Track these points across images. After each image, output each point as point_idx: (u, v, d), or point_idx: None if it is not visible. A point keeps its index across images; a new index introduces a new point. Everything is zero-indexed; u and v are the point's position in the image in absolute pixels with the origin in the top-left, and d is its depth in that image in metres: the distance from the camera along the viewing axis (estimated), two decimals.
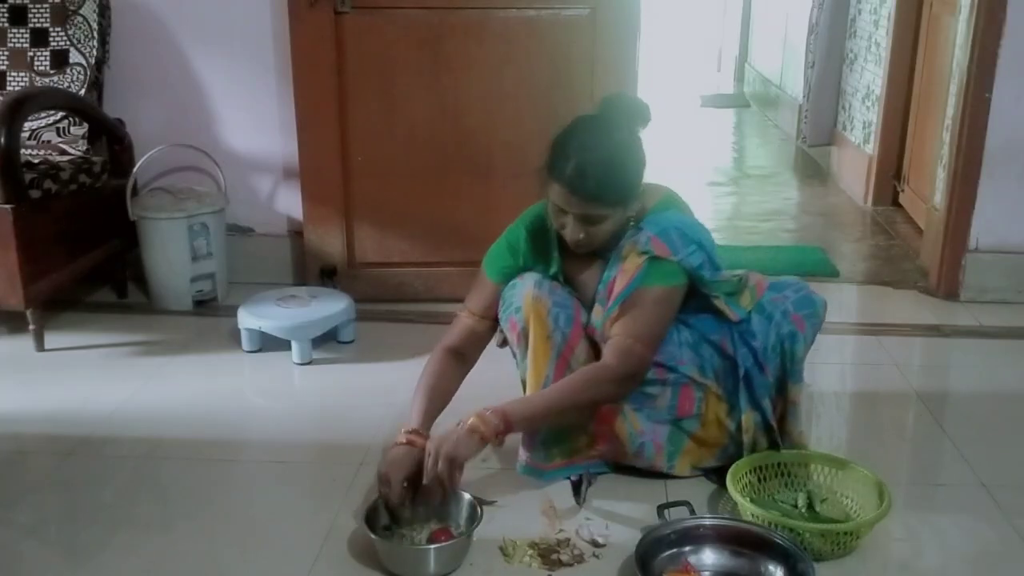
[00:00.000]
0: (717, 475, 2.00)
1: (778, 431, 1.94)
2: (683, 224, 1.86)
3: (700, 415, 1.95)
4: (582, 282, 1.94)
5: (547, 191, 1.80)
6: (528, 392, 1.92)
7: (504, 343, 2.02)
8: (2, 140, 2.44)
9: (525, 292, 1.88)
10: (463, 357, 1.98)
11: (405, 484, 1.75)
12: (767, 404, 1.91)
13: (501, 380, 2.06)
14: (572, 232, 1.80)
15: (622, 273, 1.83)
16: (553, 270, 1.94)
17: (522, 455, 1.96)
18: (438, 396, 1.92)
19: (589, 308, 1.92)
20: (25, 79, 2.93)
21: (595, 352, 1.91)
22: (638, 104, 1.83)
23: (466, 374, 1.99)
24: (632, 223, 1.85)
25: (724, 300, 1.89)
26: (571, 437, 1.95)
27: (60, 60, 2.93)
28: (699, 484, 2.01)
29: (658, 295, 1.82)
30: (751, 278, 1.94)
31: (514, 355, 1.99)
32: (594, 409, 1.91)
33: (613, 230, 1.82)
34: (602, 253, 1.89)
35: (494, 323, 1.98)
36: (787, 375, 1.91)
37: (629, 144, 1.78)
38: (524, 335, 1.89)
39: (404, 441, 1.81)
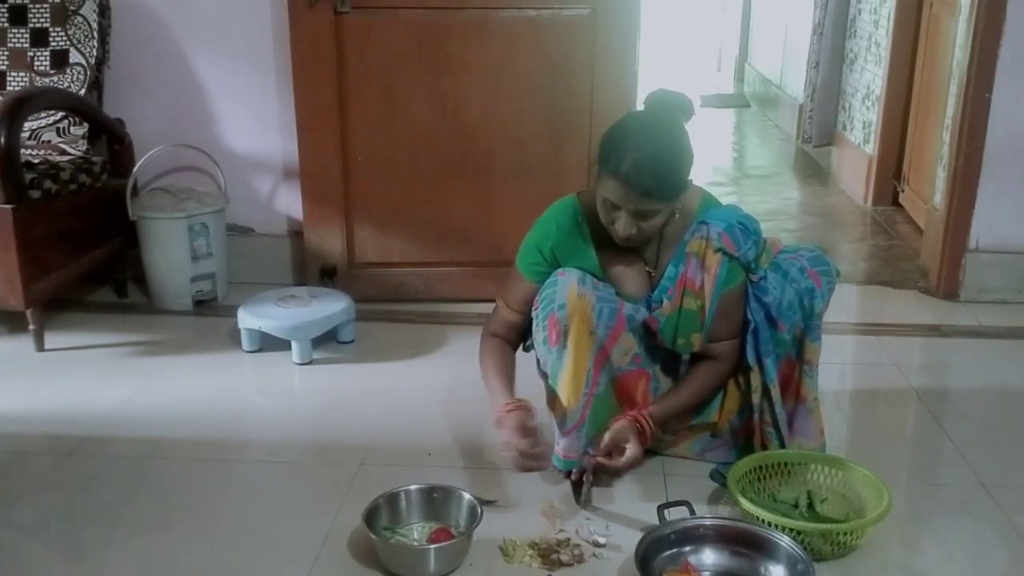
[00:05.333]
0: (721, 460, 2.04)
1: (795, 395, 1.99)
2: (744, 218, 1.91)
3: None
4: (619, 277, 1.96)
5: (599, 187, 1.82)
6: (563, 384, 1.92)
7: (529, 347, 2.04)
8: (2, 140, 2.44)
9: (569, 289, 1.89)
10: (508, 341, 2.06)
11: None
12: (770, 363, 1.94)
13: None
14: (625, 227, 1.81)
15: (706, 271, 1.86)
16: (588, 266, 1.95)
17: (559, 448, 1.97)
18: (508, 371, 2.01)
19: (628, 299, 1.96)
20: (25, 79, 2.93)
21: (643, 344, 1.97)
22: (681, 98, 1.85)
23: (516, 349, 2.08)
24: (676, 217, 1.87)
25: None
26: (606, 421, 2.00)
27: (60, 60, 2.93)
28: (699, 484, 2.01)
29: (737, 295, 1.92)
30: (768, 240, 1.99)
31: (537, 355, 1.99)
32: (628, 397, 2.02)
33: (662, 224, 1.86)
34: (640, 248, 1.93)
35: (529, 317, 2.00)
36: (805, 332, 1.94)
37: (680, 139, 1.81)
38: (564, 333, 1.89)
39: (514, 406, 1.89)
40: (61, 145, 2.88)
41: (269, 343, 2.65)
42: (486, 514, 1.78)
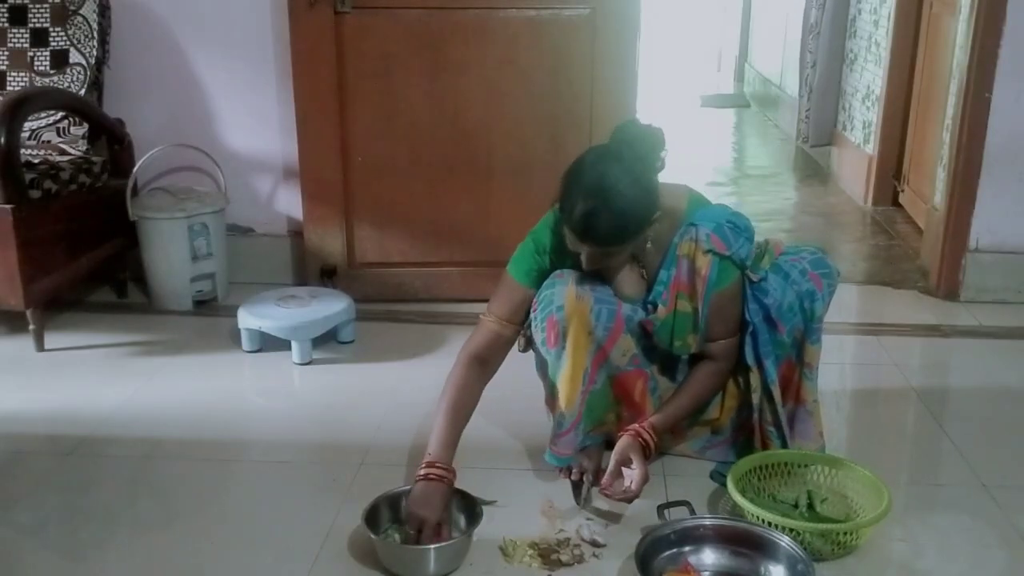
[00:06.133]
0: (722, 459, 2.05)
1: (795, 398, 1.98)
2: (733, 217, 1.90)
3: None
4: (614, 279, 1.95)
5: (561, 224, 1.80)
6: (561, 385, 1.92)
7: (527, 348, 2.03)
8: (2, 140, 2.44)
9: (567, 291, 1.88)
10: (487, 363, 1.97)
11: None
12: (770, 364, 1.93)
13: (511, 380, 2.06)
14: (588, 263, 1.82)
15: (696, 273, 1.85)
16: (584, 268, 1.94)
17: (554, 446, 1.97)
18: (460, 415, 1.90)
19: (625, 300, 1.95)
20: (25, 79, 2.93)
21: (641, 345, 1.96)
22: (650, 134, 1.79)
23: (489, 379, 1.98)
24: (651, 234, 1.84)
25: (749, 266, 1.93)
26: (604, 415, 2.00)
27: (60, 60, 2.93)
28: (699, 484, 2.01)
29: (732, 293, 1.89)
30: (770, 241, 1.98)
31: (537, 356, 1.99)
32: (626, 395, 1.99)
33: (629, 256, 1.85)
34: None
35: (519, 327, 1.98)
36: (805, 334, 1.93)
37: (636, 185, 1.74)
38: (562, 334, 1.88)
39: (425, 476, 1.80)
40: (61, 145, 2.88)
41: (269, 343, 2.65)
42: (486, 514, 1.79)
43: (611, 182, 1.72)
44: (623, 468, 1.85)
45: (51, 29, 2.93)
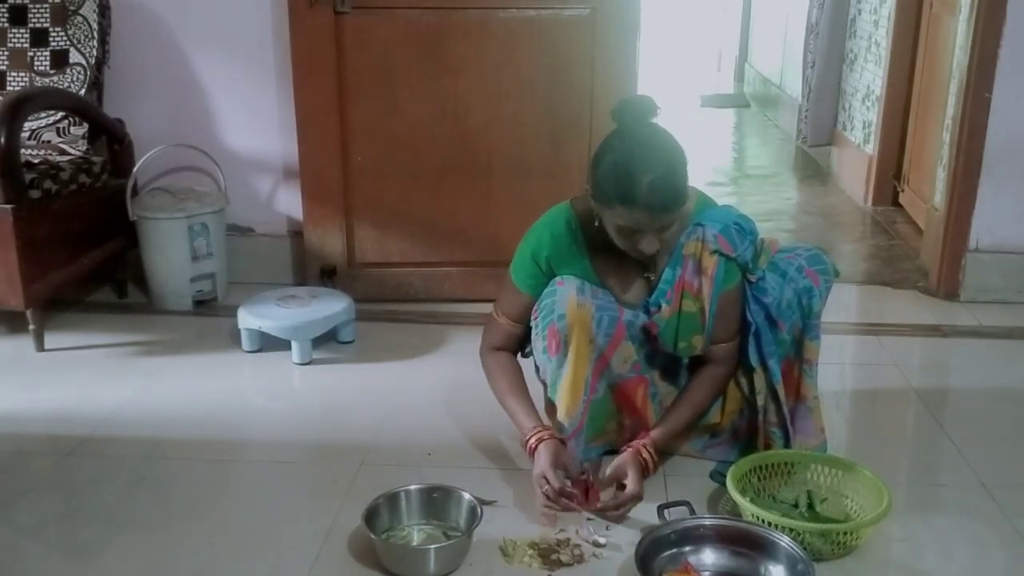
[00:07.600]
0: (722, 458, 2.05)
1: (795, 394, 1.98)
2: (740, 219, 1.90)
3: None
4: (616, 282, 1.96)
5: (606, 217, 1.79)
6: (562, 393, 1.93)
7: (527, 352, 2.04)
8: (2, 140, 2.44)
9: (568, 299, 1.88)
10: (509, 351, 2.06)
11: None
12: (774, 364, 1.93)
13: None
14: (649, 246, 1.79)
15: (703, 273, 1.85)
16: (584, 273, 1.94)
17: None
18: (522, 388, 2.01)
19: (626, 305, 1.95)
20: (25, 79, 2.93)
21: (642, 351, 1.97)
22: (647, 101, 1.82)
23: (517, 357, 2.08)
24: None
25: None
26: (605, 424, 2.00)
27: (60, 60, 2.93)
28: (699, 484, 2.01)
29: (734, 296, 1.91)
30: (765, 240, 1.98)
31: (537, 362, 2.00)
32: (628, 402, 2.01)
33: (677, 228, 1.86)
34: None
35: (526, 326, 2.00)
36: (804, 331, 1.94)
37: (671, 142, 1.78)
38: (564, 343, 1.89)
39: (545, 437, 1.88)
40: (61, 145, 2.88)
41: (269, 343, 2.65)
42: (486, 514, 1.79)
43: (655, 146, 1.75)
44: (618, 482, 1.87)
45: (51, 29, 2.93)
